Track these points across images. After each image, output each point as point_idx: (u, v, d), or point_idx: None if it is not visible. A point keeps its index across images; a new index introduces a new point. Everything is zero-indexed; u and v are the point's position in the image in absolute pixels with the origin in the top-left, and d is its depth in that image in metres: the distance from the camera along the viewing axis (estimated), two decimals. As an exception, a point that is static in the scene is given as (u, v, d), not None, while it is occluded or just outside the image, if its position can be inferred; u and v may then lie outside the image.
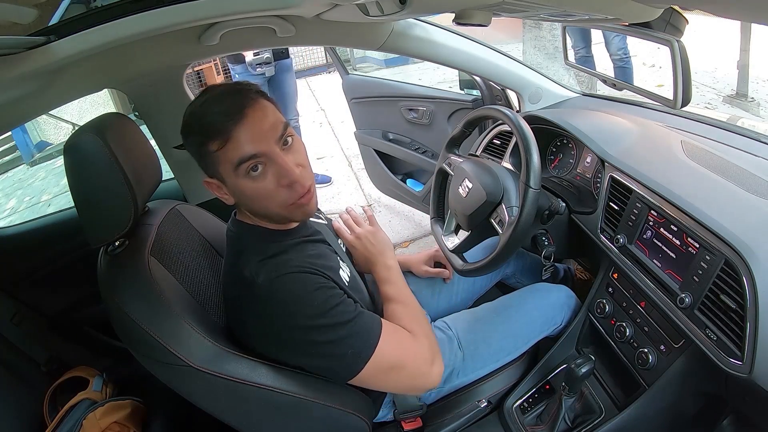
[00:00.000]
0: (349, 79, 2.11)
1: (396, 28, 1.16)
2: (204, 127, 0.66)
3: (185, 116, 0.69)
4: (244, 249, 0.73)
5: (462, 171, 1.02)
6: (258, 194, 0.69)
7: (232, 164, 0.66)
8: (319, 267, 0.72)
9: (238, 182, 0.68)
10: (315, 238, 0.81)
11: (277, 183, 0.68)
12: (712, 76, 4.01)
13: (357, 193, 2.91)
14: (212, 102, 0.67)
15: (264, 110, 0.67)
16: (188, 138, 0.69)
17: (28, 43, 0.65)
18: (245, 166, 0.66)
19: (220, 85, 0.71)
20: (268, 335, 0.70)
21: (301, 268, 0.70)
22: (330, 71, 6.34)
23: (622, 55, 2.94)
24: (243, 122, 0.65)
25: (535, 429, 0.91)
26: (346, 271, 0.82)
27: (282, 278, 0.68)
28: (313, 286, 0.69)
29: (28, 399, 1.04)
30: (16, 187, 4.90)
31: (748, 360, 0.64)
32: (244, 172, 0.66)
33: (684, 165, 0.88)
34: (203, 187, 0.75)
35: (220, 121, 0.64)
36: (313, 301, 0.68)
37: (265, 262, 0.70)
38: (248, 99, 0.67)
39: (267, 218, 0.75)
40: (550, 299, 1.05)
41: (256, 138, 0.65)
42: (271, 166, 0.67)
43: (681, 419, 0.89)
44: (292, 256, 0.72)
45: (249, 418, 0.74)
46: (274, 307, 0.68)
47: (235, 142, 0.65)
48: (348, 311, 0.70)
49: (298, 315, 0.67)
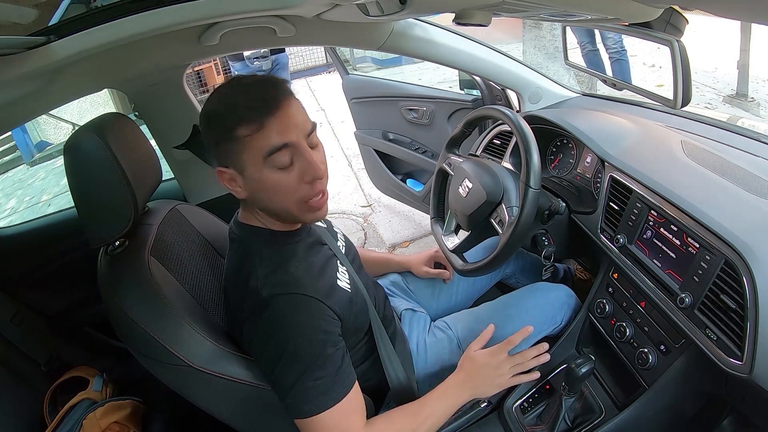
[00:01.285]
0: (348, 79, 2.11)
1: (396, 28, 1.16)
2: (238, 111, 0.64)
3: (210, 102, 0.68)
4: (249, 254, 0.73)
5: (462, 171, 1.02)
6: (279, 187, 0.68)
7: (262, 152, 0.65)
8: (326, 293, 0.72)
9: (261, 172, 0.66)
10: (318, 241, 0.81)
11: (301, 178, 0.68)
12: (712, 76, 4.01)
13: (357, 193, 2.91)
14: (247, 89, 0.66)
15: (297, 106, 0.68)
16: (212, 122, 0.67)
17: (28, 43, 0.66)
18: (275, 156, 0.65)
19: (252, 76, 0.69)
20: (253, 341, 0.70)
21: (306, 290, 0.69)
22: (330, 71, 6.34)
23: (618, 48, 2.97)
24: (279, 112, 0.65)
25: (535, 429, 0.91)
26: (346, 276, 0.82)
27: (287, 297, 0.68)
28: (314, 321, 0.68)
29: (28, 399, 1.04)
30: (16, 187, 4.90)
31: (748, 360, 0.64)
32: (271, 163, 0.66)
33: (684, 165, 0.88)
34: (203, 187, 0.75)
35: (258, 107, 0.64)
36: (297, 336, 0.67)
37: (273, 274, 0.70)
38: (284, 92, 0.67)
39: (276, 216, 0.74)
40: (550, 299, 1.05)
41: (290, 129, 0.65)
42: (298, 160, 0.67)
43: (681, 419, 0.89)
44: (298, 269, 0.72)
45: (249, 418, 0.75)
46: (265, 321, 0.68)
47: (269, 130, 0.64)
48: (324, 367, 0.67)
49: (279, 339, 0.67)
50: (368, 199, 2.82)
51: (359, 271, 0.92)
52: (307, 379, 0.66)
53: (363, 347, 0.86)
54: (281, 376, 0.67)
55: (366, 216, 2.67)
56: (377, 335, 0.85)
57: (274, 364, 0.68)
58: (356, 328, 0.81)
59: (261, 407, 0.73)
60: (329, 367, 0.68)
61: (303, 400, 0.67)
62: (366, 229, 2.55)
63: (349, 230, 2.52)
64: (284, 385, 0.67)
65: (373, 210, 2.71)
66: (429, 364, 0.95)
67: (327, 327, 0.70)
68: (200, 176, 1.31)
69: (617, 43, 2.94)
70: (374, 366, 0.86)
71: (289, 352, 0.67)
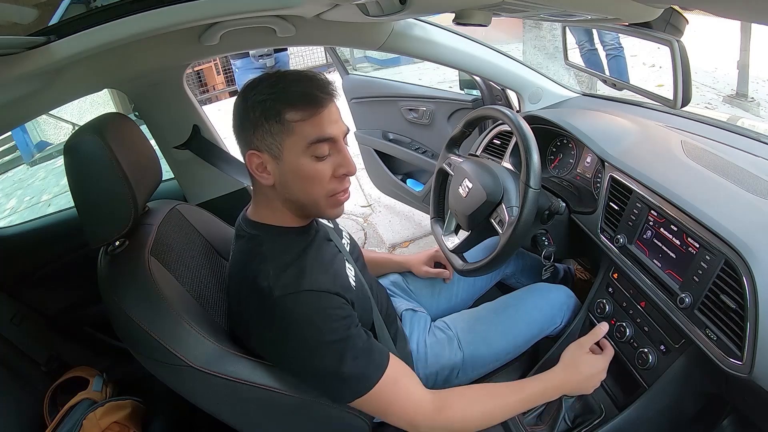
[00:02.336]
0: (348, 79, 2.11)
1: (396, 28, 1.16)
2: (291, 97, 0.66)
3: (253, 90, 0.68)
4: (259, 252, 0.72)
5: (462, 171, 1.02)
6: (313, 177, 0.69)
7: (308, 139, 0.67)
8: (338, 285, 0.72)
9: (299, 159, 0.68)
10: (326, 237, 0.82)
11: (333, 172, 0.70)
12: (712, 76, 4.01)
13: (357, 193, 2.91)
14: (300, 78, 0.69)
15: (338, 106, 0.71)
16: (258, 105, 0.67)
17: (28, 43, 0.65)
18: (318, 146, 0.68)
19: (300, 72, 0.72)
20: (275, 346, 0.70)
21: (318, 285, 0.70)
22: (330, 71, 6.34)
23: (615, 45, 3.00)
24: (330, 105, 0.69)
25: (535, 429, 0.91)
26: (352, 273, 0.82)
27: (299, 296, 0.68)
28: (326, 311, 0.69)
29: (28, 399, 1.04)
30: (16, 187, 4.90)
31: (748, 360, 0.64)
32: (312, 151, 0.68)
33: (684, 165, 0.88)
34: (203, 187, 0.75)
35: (316, 94, 0.67)
36: (321, 328, 0.68)
37: (283, 273, 0.70)
38: (334, 90, 0.70)
39: (300, 208, 0.74)
40: (550, 299, 1.05)
41: (334, 124, 0.69)
42: (336, 154, 0.70)
43: (681, 419, 0.89)
44: (309, 267, 0.72)
45: (249, 418, 0.74)
46: (286, 324, 0.67)
47: (320, 119, 0.67)
48: (355, 347, 0.69)
49: (308, 338, 0.67)
50: (368, 199, 2.82)
51: (363, 270, 0.92)
52: (344, 363, 0.68)
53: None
54: (318, 371, 0.68)
55: (366, 216, 2.67)
56: (379, 335, 0.85)
57: (304, 363, 0.69)
58: None
59: (261, 407, 0.73)
60: (360, 343, 0.70)
61: (351, 382, 0.69)
62: (366, 229, 2.55)
63: (350, 230, 2.49)
64: (324, 377, 0.69)
65: (373, 210, 2.71)
66: (429, 364, 0.95)
67: (342, 312, 0.70)
68: (200, 176, 1.31)
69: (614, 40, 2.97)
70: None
71: (315, 346, 0.67)
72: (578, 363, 0.85)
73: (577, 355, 0.86)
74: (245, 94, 0.69)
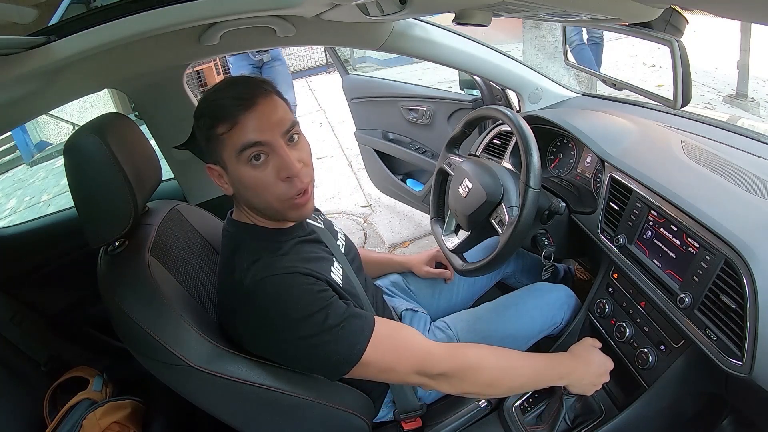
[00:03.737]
0: (348, 79, 2.11)
1: (396, 28, 1.16)
2: (215, 109, 0.67)
3: (200, 100, 0.71)
4: (237, 249, 0.73)
5: (462, 171, 1.02)
6: (256, 184, 0.69)
7: (236, 149, 0.67)
8: (310, 268, 0.72)
9: (239, 169, 0.68)
10: (311, 238, 0.81)
11: (277, 175, 0.69)
12: (712, 76, 4.01)
13: (357, 193, 2.91)
14: (226, 88, 0.69)
15: (274, 104, 0.69)
16: (199, 120, 0.70)
17: (28, 43, 0.65)
18: (248, 152, 0.67)
19: (239, 77, 0.72)
20: (255, 336, 0.71)
21: (288, 269, 0.70)
22: (330, 71, 6.34)
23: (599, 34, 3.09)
24: (252, 110, 0.66)
25: (535, 429, 0.91)
26: (339, 271, 0.81)
27: (266, 281, 0.68)
28: (299, 288, 0.68)
29: (28, 399, 1.04)
30: (16, 187, 4.90)
31: (748, 360, 0.64)
32: (245, 159, 0.67)
33: (684, 165, 0.88)
34: (203, 187, 0.76)
35: (231, 105, 0.66)
36: (296, 304, 0.67)
37: (255, 264, 0.70)
38: (261, 90, 0.68)
39: (263, 213, 0.75)
40: (550, 299, 1.05)
41: (262, 127, 0.67)
42: (273, 157, 0.68)
43: (681, 419, 0.89)
44: (285, 258, 0.72)
45: (249, 418, 0.74)
46: (257, 310, 0.68)
47: (242, 127, 0.66)
48: (335, 314, 0.69)
49: (279, 318, 0.67)
50: (368, 199, 2.82)
51: (358, 271, 0.92)
52: (329, 332, 0.67)
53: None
54: (303, 349, 0.68)
55: (366, 216, 2.67)
56: None
57: (288, 344, 0.68)
58: None
59: (261, 406, 0.73)
60: (340, 311, 0.70)
61: (342, 350, 0.68)
62: (366, 229, 2.55)
63: (349, 230, 2.52)
64: (312, 352, 0.68)
65: (373, 210, 2.71)
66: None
67: (317, 287, 0.70)
68: (200, 176, 1.30)
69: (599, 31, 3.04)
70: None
71: (292, 325, 0.67)
72: (590, 356, 0.86)
73: (590, 349, 0.87)
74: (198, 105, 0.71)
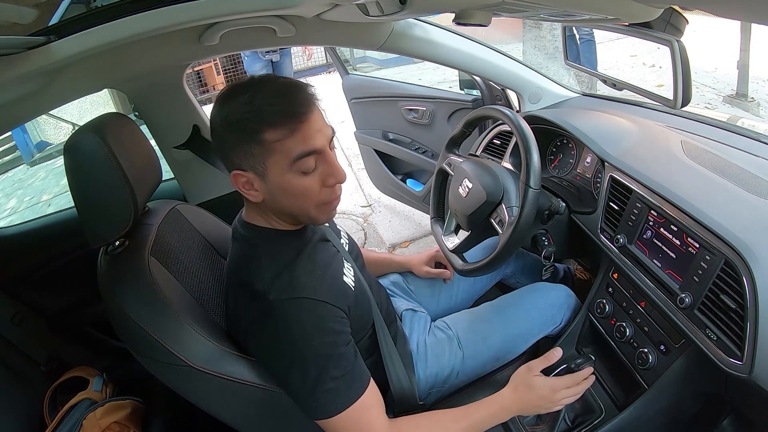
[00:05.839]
0: (348, 79, 2.11)
1: (396, 28, 1.16)
2: (266, 115, 0.63)
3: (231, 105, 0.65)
4: (255, 256, 0.72)
5: (462, 171, 1.02)
6: (302, 191, 0.68)
7: (290, 157, 0.64)
8: (334, 292, 0.72)
9: (285, 177, 0.66)
10: (323, 238, 0.82)
11: (323, 182, 0.69)
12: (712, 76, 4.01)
13: (357, 193, 2.91)
14: (275, 92, 0.65)
15: (320, 112, 0.68)
16: (235, 125, 0.64)
17: (28, 43, 0.66)
18: (302, 161, 0.65)
19: (277, 78, 0.68)
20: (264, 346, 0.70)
21: (316, 294, 0.69)
22: (330, 71, 6.34)
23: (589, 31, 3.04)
24: (311, 117, 0.65)
25: (535, 429, 0.91)
26: (351, 273, 0.82)
27: (295, 302, 0.67)
28: (324, 323, 0.68)
29: (28, 399, 1.04)
30: (16, 187, 4.90)
31: (748, 360, 0.64)
32: (297, 168, 0.65)
33: (684, 165, 0.88)
34: (203, 187, 0.75)
35: (289, 112, 0.63)
36: (317, 339, 0.67)
37: (279, 276, 0.69)
38: (312, 98, 0.67)
39: (290, 217, 0.74)
40: (550, 299, 1.05)
41: (319, 135, 0.66)
42: (322, 164, 0.68)
43: (681, 419, 0.89)
44: (304, 270, 0.71)
45: (248, 418, 0.74)
46: (281, 328, 0.67)
47: (300, 135, 0.64)
48: (340, 366, 0.68)
49: (298, 346, 0.67)
50: (368, 199, 2.81)
51: (362, 269, 0.92)
52: (324, 381, 0.67)
53: (364, 346, 0.86)
54: (297, 380, 0.67)
55: (366, 216, 2.67)
56: (380, 334, 0.85)
57: (287, 369, 0.68)
58: (359, 326, 0.81)
59: (261, 407, 0.73)
60: (344, 365, 0.69)
61: (324, 400, 0.67)
62: (366, 229, 2.55)
63: (349, 230, 2.49)
64: (301, 388, 0.68)
65: (373, 210, 2.71)
66: (429, 364, 0.95)
67: (336, 327, 0.70)
68: (200, 176, 1.31)
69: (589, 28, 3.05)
70: (375, 366, 0.86)
71: (302, 356, 0.67)
72: (529, 382, 0.81)
73: (527, 376, 0.82)
74: (221, 109, 0.66)
